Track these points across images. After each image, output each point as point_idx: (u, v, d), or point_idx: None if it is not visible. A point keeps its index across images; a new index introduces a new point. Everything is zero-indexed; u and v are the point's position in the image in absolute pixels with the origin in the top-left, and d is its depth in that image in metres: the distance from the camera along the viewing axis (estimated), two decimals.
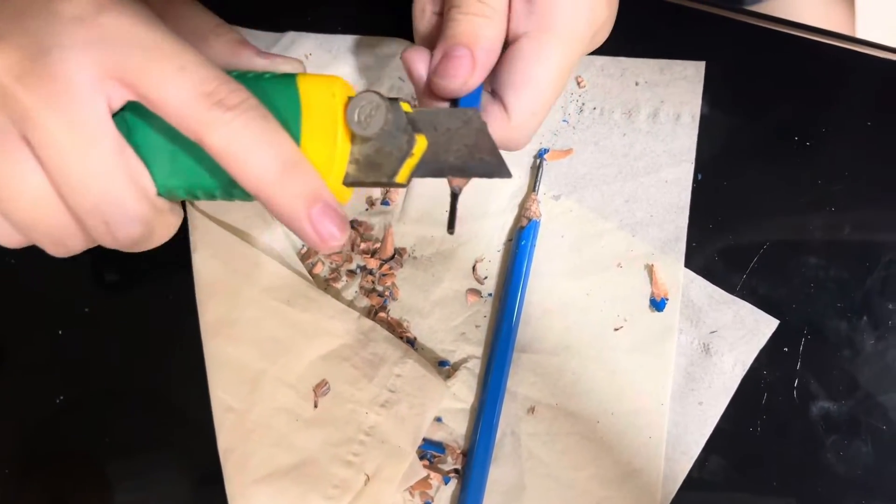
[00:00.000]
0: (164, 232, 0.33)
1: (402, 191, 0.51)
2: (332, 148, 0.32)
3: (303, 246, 0.52)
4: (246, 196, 0.32)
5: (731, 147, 0.48)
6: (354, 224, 0.52)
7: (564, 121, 0.50)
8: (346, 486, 0.48)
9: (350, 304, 0.51)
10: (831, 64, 0.48)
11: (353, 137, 0.32)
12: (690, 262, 0.48)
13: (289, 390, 0.49)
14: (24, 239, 0.32)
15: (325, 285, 0.51)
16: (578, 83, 0.50)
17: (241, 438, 0.49)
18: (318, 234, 0.31)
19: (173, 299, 0.53)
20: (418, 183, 0.51)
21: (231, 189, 0.32)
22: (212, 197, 0.33)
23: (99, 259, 0.54)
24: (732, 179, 0.48)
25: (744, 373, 0.46)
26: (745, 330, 0.47)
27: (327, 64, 0.54)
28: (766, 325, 0.46)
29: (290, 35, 0.55)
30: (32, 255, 0.54)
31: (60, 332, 0.54)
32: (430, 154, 0.34)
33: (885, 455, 0.45)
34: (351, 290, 0.51)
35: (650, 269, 0.48)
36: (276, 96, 0.32)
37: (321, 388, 0.49)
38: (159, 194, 0.32)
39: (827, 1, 0.89)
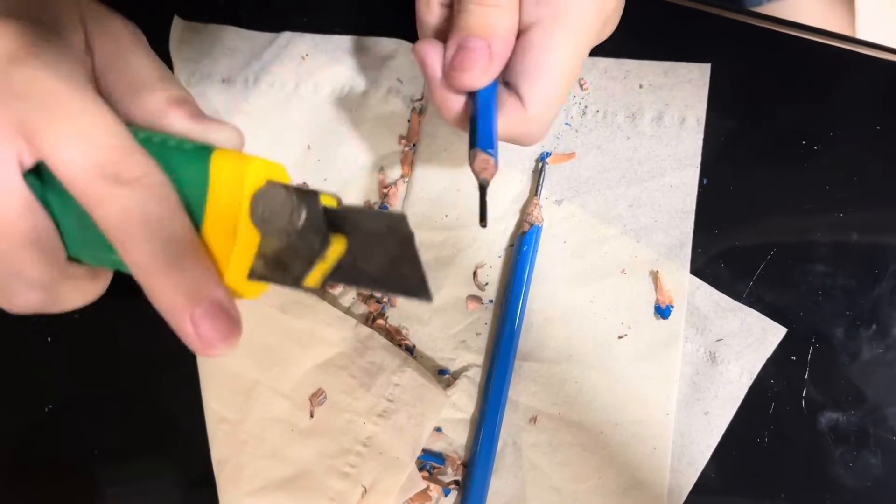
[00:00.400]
0: (73, 299, 0.31)
1: (400, 194, 0.50)
2: (231, 240, 0.29)
3: None
4: None
5: (737, 151, 0.47)
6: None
7: (567, 124, 0.49)
8: (343, 499, 0.47)
9: (347, 310, 0.50)
10: (839, 67, 0.47)
11: (263, 230, 0.29)
12: (696, 269, 0.47)
13: (284, 400, 0.48)
14: None
15: (322, 291, 0.50)
16: (581, 86, 0.49)
17: (234, 450, 0.48)
18: (198, 337, 0.28)
19: None
20: (417, 186, 0.50)
21: None
22: (118, 269, 0.30)
23: None
24: (739, 184, 0.47)
25: (751, 382, 0.45)
26: (752, 338, 0.46)
27: (324, 65, 0.52)
28: (774, 333, 0.45)
29: (286, 35, 0.53)
30: None
31: (49, 339, 0.53)
32: (349, 260, 0.30)
33: (895, 467, 0.44)
34: (348, 296, 0.50)
35: (655, 276, 0.47)
36: (186, 171, 0.29)
37: (317, 398, 0.48)
38: (70, 258, 0.30)
39: (826, 5, 0.89)
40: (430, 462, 0.48)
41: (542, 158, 0.49)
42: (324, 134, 0.52)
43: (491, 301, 0.49)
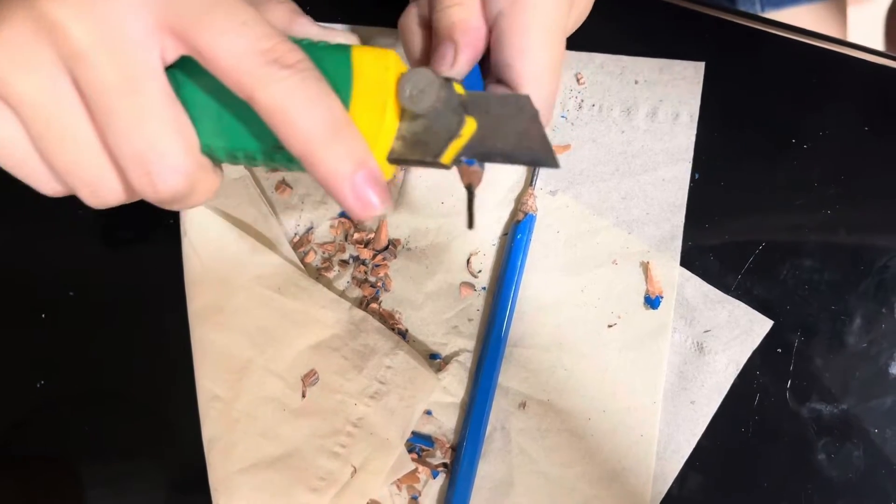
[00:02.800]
0: (204, 191, 0.33)
1: (397, 182, 0.51)
2: (380, 120, 0.31)
3: (295, 234, 0.51)
4: (288, 160, 0.31)
5: (728, 148, 0.48)
6: (348, 214, 0.51)
7: (563, 117, 0.50)
8: (332, 478, 0.47)
9: (342, 294, 0.50)
10: (830, 68, 0.48)
11: (402, 114, 0.32)
12: (686, 261, 0.48)
13: (277, 380, 0.49)
14: (63, 188, 0.32)
15: (317, 274, 0.51)
16: (578, 80, 0.50)
17: (226, 428, 0.49)
18: (359, 201, 0.30)
19: (161, 285, 0.52)
20: (415, 174, 0.50)
21: (273, 153, 0.32)
22: (252, 161, 0.33)
23: (86, 240, 0.53)
24: (729, 180, 0.48)
25: (737, 373, 0.46)
26: (739, 330, 0.46)
27: None
28: (761, 325, 0.46)
29: None
30: (18, 231, 0.53)
31: (43, 316, 0.53)
32: (478, 138, 0.33)
33: (877, 459, 0.45)
34: (343, 280, 0.51)
35: (645, 267, 0.48)
36: (329, 64, 0.31)
37: (310, 379, 0.48)
38: (202, 152, 0.32)
39: (819, 19, 0.90)
40: (419, 444, 0.48)
41: None
42: None
43: (484, 288, 0.50)
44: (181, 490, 0.52)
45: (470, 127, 0.32)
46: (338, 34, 0.34)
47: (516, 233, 0.48)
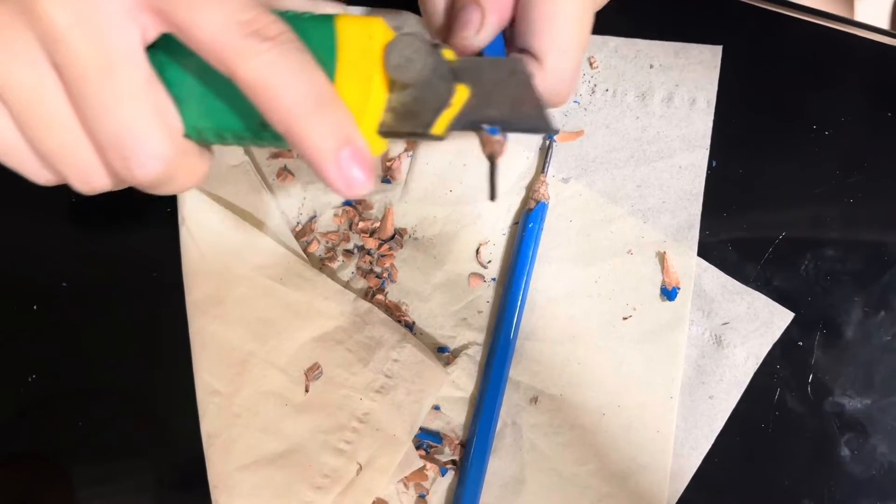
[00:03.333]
0: (187, 177, 0.31)
1: (403, 168, 0.49)
2: (366, 91, 0.30)
3: (298, 223, 0.50)
4: (276, 138, 0.30)
5: (747, 134, 0.47)
6: (353, 202, 0.50)
7: (576, 102, 0.49)
8: (337, 476, 0.45)
9: (346, 284, 0.49)
10: (852, 53, 0.47)
11: (391, 84, 0.30)
12: (703, 251, 0.46)
13: (279, 373, 0.47)
14: (54, 176, 0.31)
15: (321, 265, 0.49)
16: (591, 64, 0.49)
17: (226, 423, 0.47)
18: (343, 178, 0.29)
19: (158, 275, 0.50)
20: (422, 160, 0.49)
21: (261, 131, 0.30)
22: (241, 140, 0.31)
23: (79, 229, 0.51)
24: (748, 167, 0.47)
25: (756, 366, 0.45)
26: (759, 322, 0.45)
27: None
28: (781, 317, 0.45)
29: None
30: (9, 220, 0.51)
31: (35, 308, 0.51)
32: (471, 106, 0.32)
33: None
34: (347, 270, 0.49)
35: (661, 257, 0.46)
36: (313, 36, 0.30)
37: (313, 372, 0.47)
38: (187, 136, 0.31)
39: (825, 2, 0.89)
40: (427, 441, 0.47)
41: (550, 136, 0.48)
42: None
43: (494, 279, 0.48)
44: (179, 488, 0.50)
45: (461, 95, 0.31)
46: (325, 5, 0.33)
47: (527, 222, 0.47)
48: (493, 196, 0.34)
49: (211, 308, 0.47)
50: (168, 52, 0.30)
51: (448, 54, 0.31)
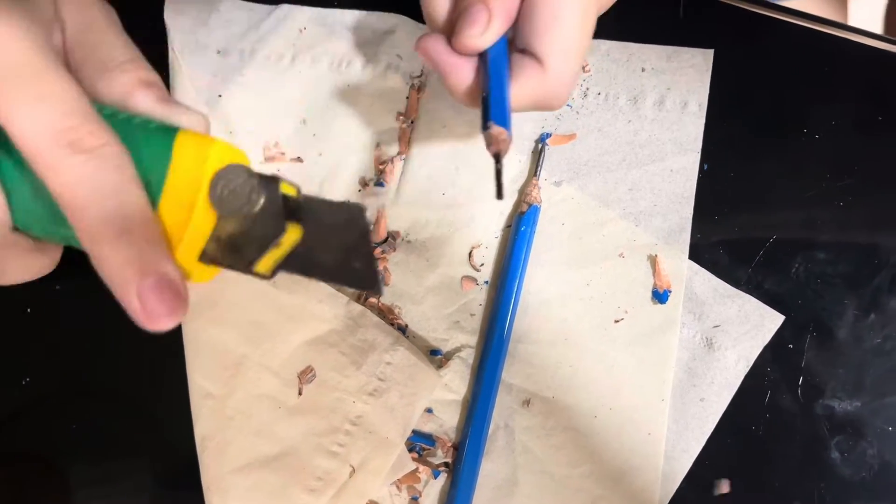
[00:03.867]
0: (15, 270, 0.30)
1: (397, 171, 0.49)
2: (186, 218, 0.28)
3: None
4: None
5: (738, 138, 0.47)
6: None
7: (568, 105, 0.49)
8: (330, 479, 0.45)
9: (339, 287, 0.49)
10: (843, 57, 0.47)
11: (219, 214, 0.29)
12: (694, 254, 0.46)
13: (272, 377, 0.47)
14: None
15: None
16: (583, 68, 0.49)
17: (219, 426, 0.47)
18: (142, 310, 0.28)
19: None
20: (416, 164, 0.49)
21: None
22: (66, 243, 0.30)
23: None
24: (739, 171, 0.47)
25: (747, 369, 0.45)
26: (750, 325, 0.45)
27: (322, 38, 0.52)
28: (772, 320, 0.45)
29: (285, 8, 0.52)
30: None
31: (28, 311, 0.51)
32: (304, 249, 0.30)
33: (892, 457, 0.43)
34: None
35: (653, 260, 0.46)
36: (148, 150, 0.29)
37: (306, 375, 0.47)
38: (16, 229, 0.29)
39: (819, 7, 0.89)
40: (420, 443, 0.47)
41: (543, 139, 0.48)
42: (320, 108, 0.51)
43: (486, 282, 0.48)
44: (172, 490, 0.50)
45: (291, 236, 0.30)
46: (183, 114, 0.31)
47: (520, 225, 0.47)
48: (499, 195, 0.34)
49: (205, 311, 0.48)
50: (2, 142, 0.28)
51: (288, 189, 0.30)
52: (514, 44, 0.37)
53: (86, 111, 0.27)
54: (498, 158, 0.34)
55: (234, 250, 0.29)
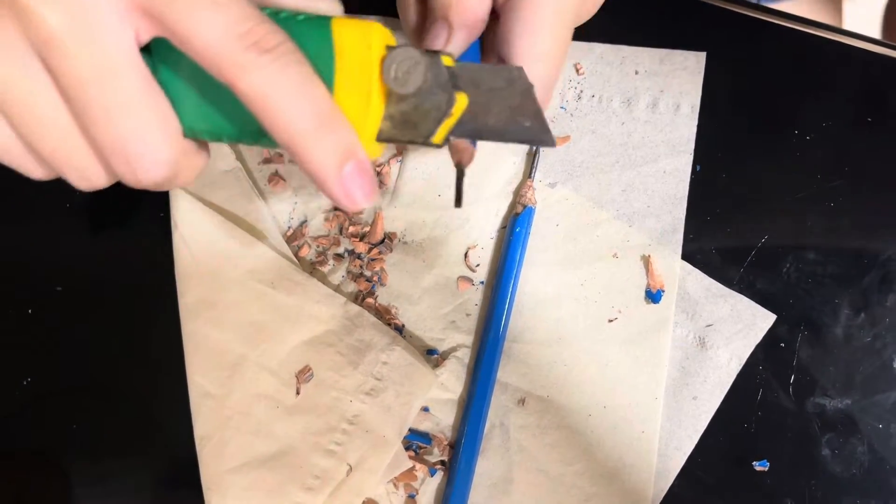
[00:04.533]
0: (188, 174, 0.31)
1: (393, 174, 0.50)
2: (366, 104, 0.30)
3: (289, 227, 0.50)
4: (274, 143, 0.30)
5: (730, 139, 0.48)
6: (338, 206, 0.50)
7: (562, 108, 0.49)
8: (327, 477, 0.46)
9: (336, 288, 0.49)
10: (833, 58, 0.48)
11: (389, 94, 0.30)
12: (687, 255, 0.47)
13: (270, 376, 0.48)
14: (51, 172, 0.31)
15: (311, 268, 0.50)
16: (577, 70, 0.49)
17: (218, 425, 0.47)
18: (346, 195, 0.29)
19: (152, 279, 0.50)
20: (411, 166, 0.49)
21: (259, 136, 0.30)
22: (237, 141, 0.32)
23: (73, 234, 0.52)
24: (731, 172, 0.47)
25: (739, 368, 0.45)
26: (742, 324, 0.46)
27: None
28: (763, 319, 0.46)
29: None
30: (3, 225, 0.52)
31: (30, 312, 0.52)
32: (470, 114, 0.32)
33: (881, 454, 0.44)
34: (338, 274, 0.50)
35: (646, 261, 0.47)
36: (309, 42, 0.29)
37: (304, 375, 0.47)
38: (185, 136, 0.30)
39: (814, 8, 0.90)
40: (416, 442, 0.47)
41: None
42: None
43: (482, 282, 0.49)
44: (172, 489, 0.51)
45: (461, 104, 0.31)
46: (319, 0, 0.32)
47: (515, 226, 0.47)
48: (458, 203, 0.35)
49: (203, 312, 0.48)
50: (161, 53, 0.29)
51: (447, 60, 0.31)
52: (493, 51, 0.38)
53: (257, 13, 0.28)
54: (460, 169, 0.35)
55: (409, 126, 0.31)
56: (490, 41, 0.39)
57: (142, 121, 0.28)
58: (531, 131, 0.32)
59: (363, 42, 0.29)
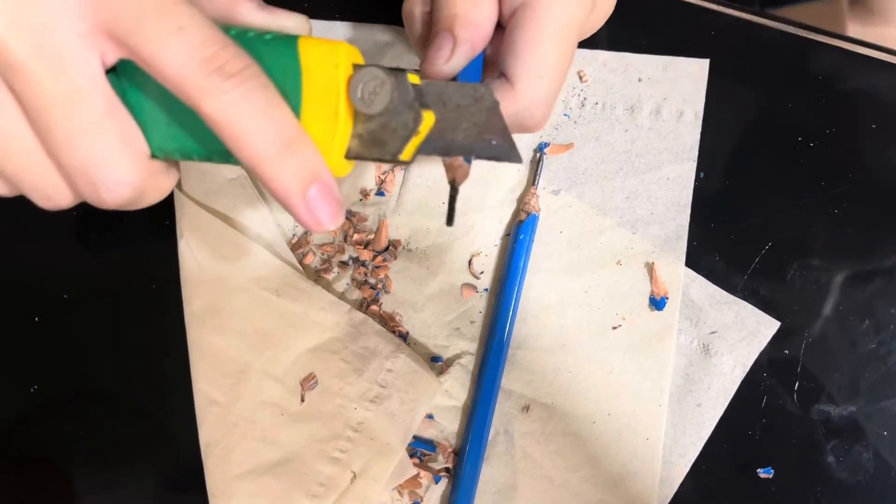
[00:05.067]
0: (155, 195, 0.31)
1: (397, 181, 0.50)
2: (333, 124, 0.30)
3: (294, 235, 0.51)
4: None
5: (733, 146, 0.48)
6: (348, 214, 0.50)
7: (566, 115, 0.49)
8: (332, 484, 0.46)
9: (341, 296, 0.50)
10: (837, 65, 0.48)
11: (357, 111, 0.31)
12: (691, 261, 0.47)
13: (275, 384, 0.48)
14: (13, 189, 0.30)
15: (316, 276, 0.50)
16: (581, 78, 0.50)
17: (223, 432, 0.48)
18: (311, 217, 0.29)
19: (157, 287, 0.51)
20: (415, 173, 0.50)
21: (228, 156, 0.30)
22: (208, 161, 0.32)
23: (80, 242, 0.52)
24: (735, 179, 0.47)
25: (743, 375, 0.45)
26: (746, 331, 0.46)
27: None
28: (767, 326, 0.46)
29: None
30: (11, 233, 0.52)
31: (37, 319, 0.52)
32: (437, 131, 0.32)
33: (887, 461, 0.44)
34: (342, 281, 0.50)
35: (650, 268, 0.47)
36: (276, 63, 0.29)
37: (309, 382, 0.47)
38: (153, 156, 0.30)
39: (817, 14, 0.90)
40: (420, 449, 0.48)
41: (541, 148, 0.49)
42: None
43: (486, 289, 0.49)
44: (178, 495, 0.51)
45: (428, 122, 0.31)
46: (286, 17, 0.33)
47: (519, 233, 0.48)
48: (450, 221, 0.35)
49: (209, 319, 0.48)
50: (129, 73, 0.29)
51: (413, 78, 0.31)
52: (495, 66, 0.38)
53: (221, 37, 0.28)
54: (454, 186, 0.35)
55: (378, 144, 0.31)
56: (493, 55, 0.39)
57: (106, 144, 0.28)
58: (498, 148, 0.32)
59: (330, 62, 0.30)
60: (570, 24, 0.36)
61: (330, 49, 0.30)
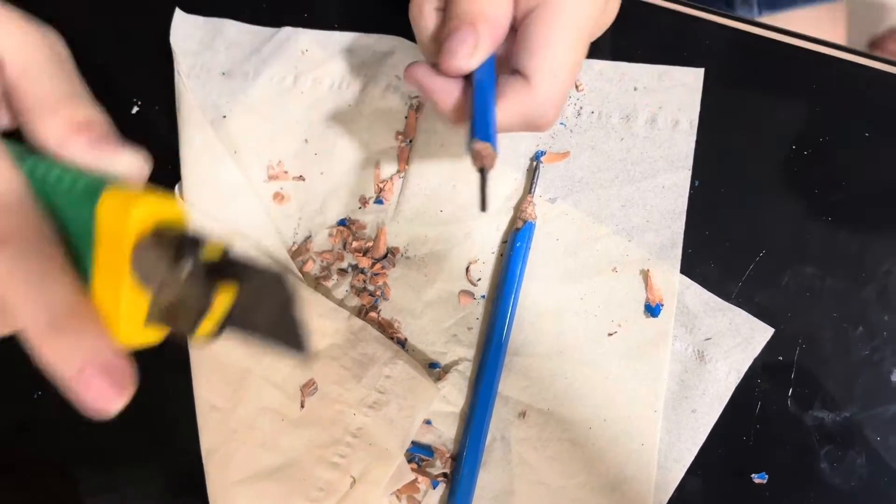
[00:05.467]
0: None
1: (396, 189, 0.51)
2: (118, 293, 0.27)
3: (293, 243, 0.51)
4: None
5: (728, 154, 0.48)
6: (347, 222, 0.51)
7: (562, 123, 0.50)
8: (331, 489, 0.47)
9: (340, 302, 0.50)
10: (831, 74, 0.48)
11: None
12: (686, 269, 0.47)
13: (275, 390, 0.48)
14: None
15: (316, 283, 0.51)
16: (577, 87, 0.50)
17: (224, 438, 0.48)
18: (90, 397, 0.27)
19: None
20: (413, 181, 0.50)
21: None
22: None
23: None
24: (729, 187, 0.48)
25: (738, 381, 0.46)
26: (740, 338, 0.46)
27: (323, 60, 0.53)
28: (762, 333, 0.46)
29: (287, 30, 0.54)
30: None
31: None
32: (240, 309, 0.28)
33: (880, 467, 0.44)
34: (341, 288, 0.50)
35: (645, 275, 0.47)
36: (74, 218, 0.27)
37: (308, 388, 0.48)
38: None
39: (817, 18, 0.90)
40: (419, 454, 0.48)
41: (537, 157, 0.50)
42: (322, 128, 0.53)
43: (483, 296, 0.49)
44: (179, 500, 0.52)
45: (225, 298, 0.28)
46: (119, 157, 0.29)
47: (515, 241, 0.48)
48: (483, 207, 0.35)
49: None
50: None
51: (213, 250, 0.28)
52: (508, 64, 0.38)
53: (4, 190, 0.25)
54: (483, 173, 0.35)
55: (174, 317, 0.28)
56: (505, 55, 0.40)
57: None
58: (294, 338, 0.28)
59: (121, 223, 0.26)
60: (583, 24, 0.37)
61: (125, 205, 0.26)
